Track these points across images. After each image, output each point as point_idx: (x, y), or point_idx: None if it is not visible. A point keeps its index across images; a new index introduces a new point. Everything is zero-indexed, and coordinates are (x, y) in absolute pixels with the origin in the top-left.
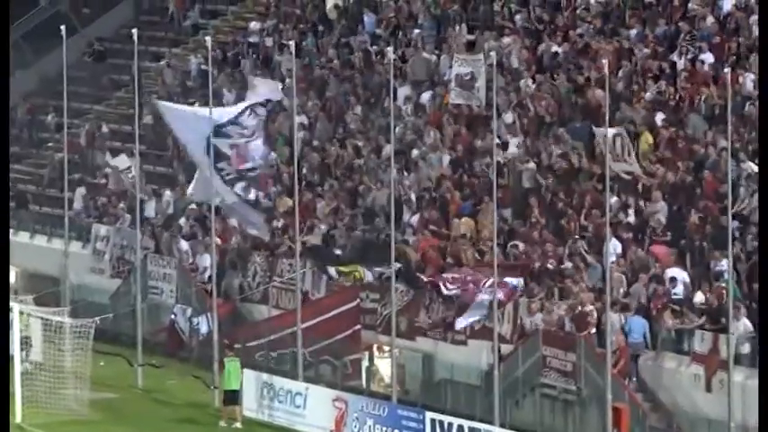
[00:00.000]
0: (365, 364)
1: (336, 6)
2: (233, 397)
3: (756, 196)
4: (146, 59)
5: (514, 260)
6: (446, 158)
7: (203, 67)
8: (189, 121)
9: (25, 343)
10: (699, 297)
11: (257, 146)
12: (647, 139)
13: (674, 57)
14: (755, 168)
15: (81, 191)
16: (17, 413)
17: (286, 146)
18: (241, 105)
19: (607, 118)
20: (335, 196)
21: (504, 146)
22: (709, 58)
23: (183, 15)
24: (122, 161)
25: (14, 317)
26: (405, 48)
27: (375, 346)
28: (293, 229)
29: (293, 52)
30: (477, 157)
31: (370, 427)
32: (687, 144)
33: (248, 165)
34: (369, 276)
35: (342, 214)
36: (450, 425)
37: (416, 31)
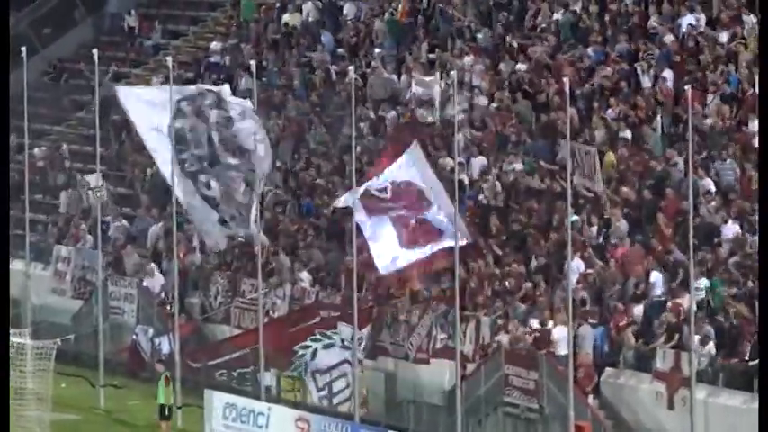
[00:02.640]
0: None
1: (292, 26)
2: (162, 411)
3: (717, 215)
4: (107, 80)
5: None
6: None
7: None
8: (146, 105)
9: None
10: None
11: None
12: (609, 158)
13: (636, 74)
14: (713, 187)
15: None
16: None
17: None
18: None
19: (569, 136)
20: (298, 216)
21: (463, 165)
22: (669, 75)
23: (145, 36)
24: (94, 179)
25: None
26: (365, 68)
27: None
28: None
29: (254, 72)
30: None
31: None
32: (646, 162)
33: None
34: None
35: (304, 234)
36: None
37: (377, 50)
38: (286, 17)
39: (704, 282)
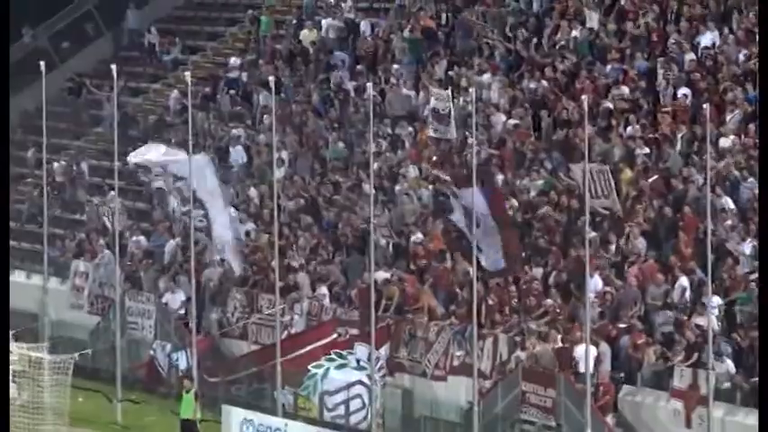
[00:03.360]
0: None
1: (312, 43)
2: (188, 426)
3: (736, 231)
4: (125, 95)
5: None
6: (426, 194)
7: (183, 102)
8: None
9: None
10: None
11: None
12: (626, 175)
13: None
14: (732, 204)
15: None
16: None
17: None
18: None
19: (587, 154)
20: (315, 232)
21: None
22: (688, 93)
23: (164, 51)
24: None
25: None
26: (383, 84)
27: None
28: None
29: (272, 88)
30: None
31: None
32: (665, 179)
33: None
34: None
35: (322, 250)
36: None
37: (395, 66)
38: (304, 33)
39: (716, 299)
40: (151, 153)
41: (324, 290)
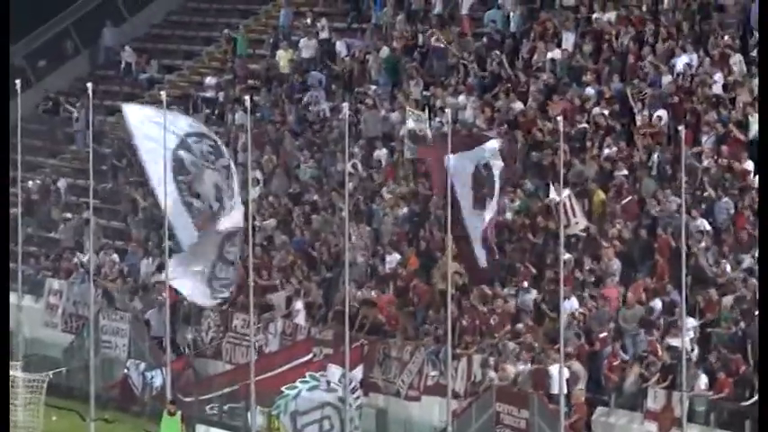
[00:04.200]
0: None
1: (290, 60)
2: None
3: (710, 253)
4: (101, 113)
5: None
6: (401, 213)
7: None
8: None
9: None
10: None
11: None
12: (598, 196)
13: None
14: (708, 226)
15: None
16: None
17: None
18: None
19: (561, 176)
20: (290, 251)
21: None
22: (664, 115)
23: (140, 70)
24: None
25: None
26: (358, 104)
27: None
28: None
29: (248, 107)
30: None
31: None
32: (640, 201)
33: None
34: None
35: (297, 270)
36: None
37: (373, 87)
38: (280, 53)
39: (691, 321)
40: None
41: (299, 305)
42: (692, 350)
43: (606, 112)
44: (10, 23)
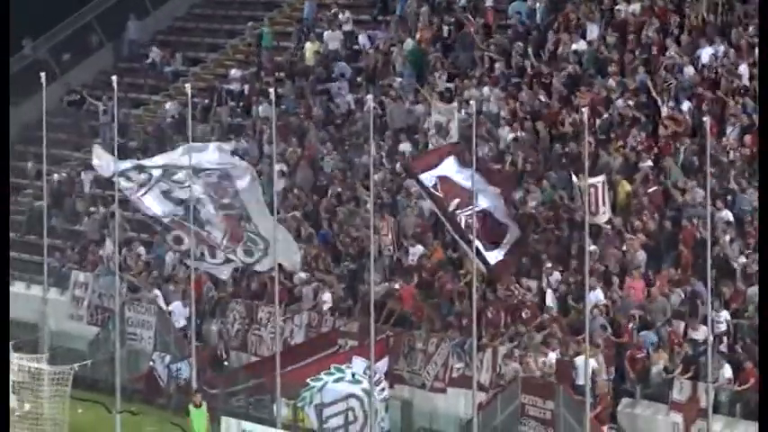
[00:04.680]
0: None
1: (316, 53)
2: None
3: (735, 243)
4: (125, 106)
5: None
6: (426, 206)
7: (180, 113)
8: None
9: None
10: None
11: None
12: (624, 187)
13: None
14: (731, 217)
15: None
16: None
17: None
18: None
19: (586, 167)
20: (315, 244)
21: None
22: (689, 107)
23: (165, 63)
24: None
25: None
26: (382, 96)
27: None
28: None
29: (273, 100)
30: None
31: None
32: (665, 192)
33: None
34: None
35: (322, 262)
36: None
37: (398, 79)
38: (308, 45)
39: (724, 314)
40: (209, 154)
41: (326, 296)
42: (722, 342)
43: (631, 104)
44: (34, 16)
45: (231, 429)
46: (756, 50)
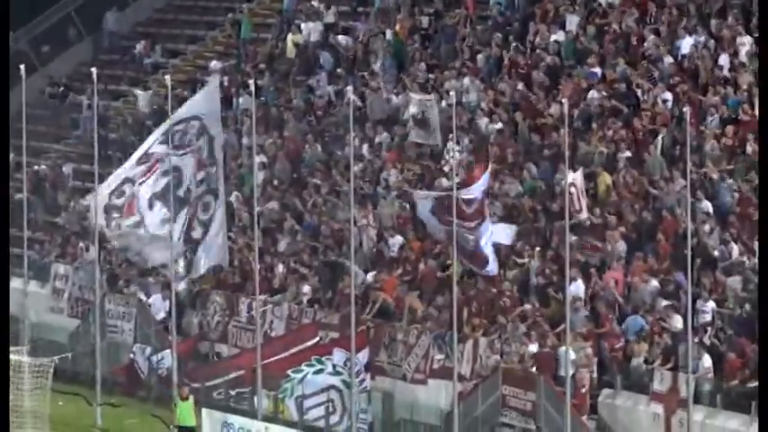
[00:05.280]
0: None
1: (296, 44)
2: None
3: (715, 234)
4: (105, 98)
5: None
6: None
7: (160, 104)
8: None
9: None
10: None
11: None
12: (605, 179)
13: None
14: (711, 208)
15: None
16: None
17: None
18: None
19: (567, 157)
20: (295, 235)
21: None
22: (669, 97)
23: (145, 55)
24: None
25: None
26: (363, 87)
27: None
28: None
29: (252, 91)
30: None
31: None
32: (644, 184)
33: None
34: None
35: (302, 254)
36: None
37: (376, 68)
38: (289, 36)
39: (711, 304)
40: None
41: (306, 288)
42: (706, 332)
43: (610, 94)
44: (13, 8)
45: (212, 422)
46: (736, 40)
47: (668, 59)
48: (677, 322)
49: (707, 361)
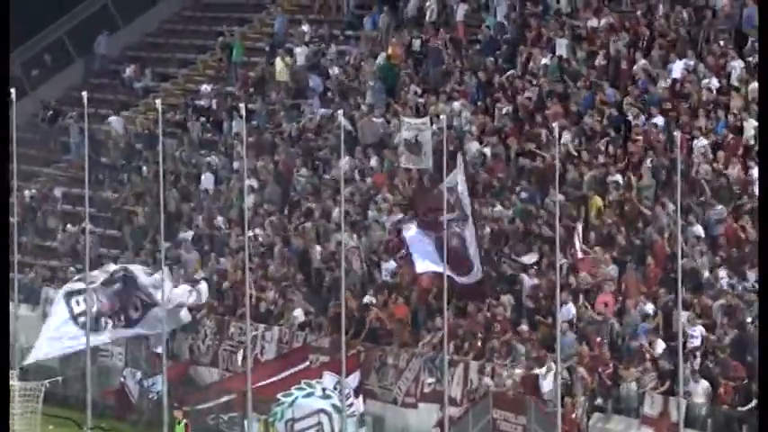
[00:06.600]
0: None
1: (287, 68)
2: None
3: (705, 258)
4: (96, 122)
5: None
6: (396, 220)
7: (151, 128)
8: None
9: None
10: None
11: None
12: (596, 202)
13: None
14: (702, 232)
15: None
16: None
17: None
18: None
19: (557, 182)
20: (286, 259)
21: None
22: (659, 121)
23: (135, 78)
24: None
25: None
26: (354, 111)
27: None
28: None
29: (243, 115)
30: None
31: None
32: (635, 207)
33: None
34: None
35: (293, 278)
36: None
37: (368, 94)
38: (278, 61)
39: (699, 329)
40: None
41: (297, 312)
42: (695, 357)
43: (601, 118)
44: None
45: None
46: (726, 64)
47: (660, 83)
48: (658, 347)
49: (703, 385)
